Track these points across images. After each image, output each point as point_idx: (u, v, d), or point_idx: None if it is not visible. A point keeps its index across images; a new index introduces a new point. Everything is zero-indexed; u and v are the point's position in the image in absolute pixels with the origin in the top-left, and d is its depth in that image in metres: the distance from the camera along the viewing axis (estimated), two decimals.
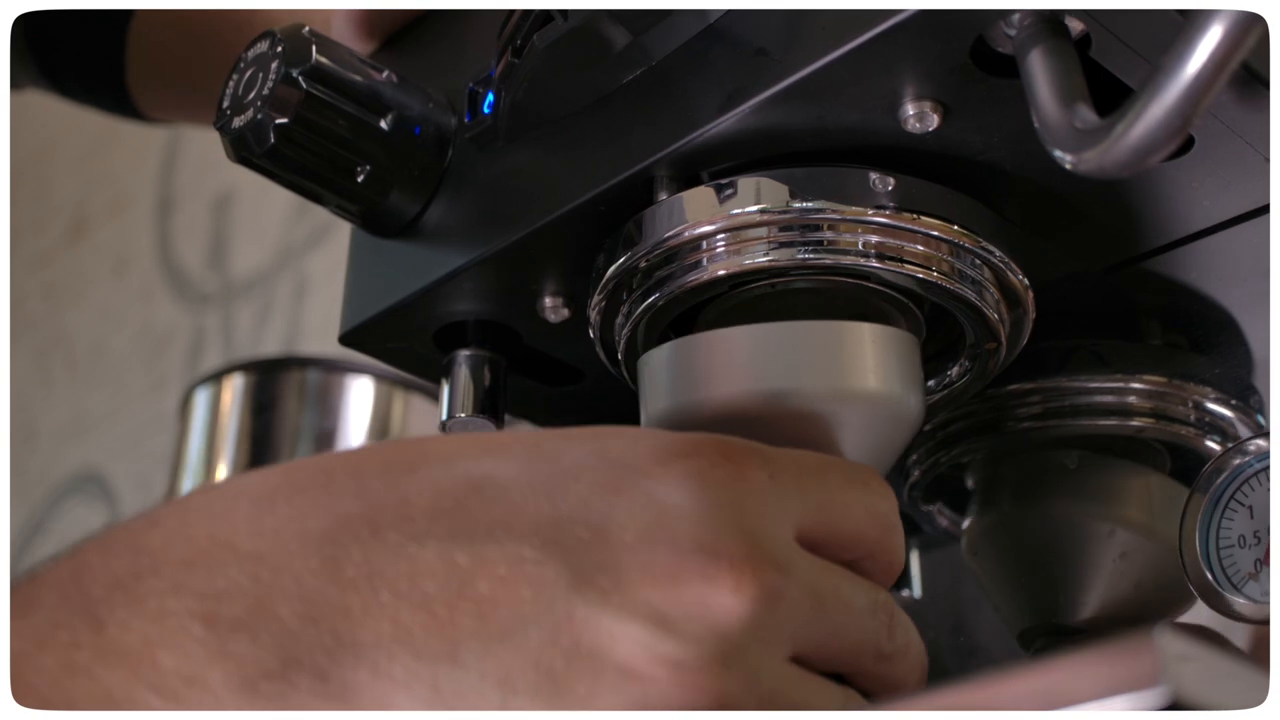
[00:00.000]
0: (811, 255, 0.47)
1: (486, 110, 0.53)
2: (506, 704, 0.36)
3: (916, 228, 0.47)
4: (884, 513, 0.43)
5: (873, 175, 0.47)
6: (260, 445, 0.82)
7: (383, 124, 0.53)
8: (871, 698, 0.42)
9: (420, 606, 0.36)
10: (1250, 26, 0.36)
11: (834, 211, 0.47)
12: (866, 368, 0.47)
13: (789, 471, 0.41)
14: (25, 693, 0.34)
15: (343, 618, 0.36)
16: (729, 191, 0.48)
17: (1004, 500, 0.58)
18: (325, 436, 0.81)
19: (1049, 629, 0.57)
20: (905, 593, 0.69)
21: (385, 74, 0.54)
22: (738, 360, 0.47)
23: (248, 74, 0.53)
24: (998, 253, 0.48)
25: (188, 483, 0.83)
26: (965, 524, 0.60)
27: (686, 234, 0.48)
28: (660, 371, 0.49)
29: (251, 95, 0.52)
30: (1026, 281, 0.50)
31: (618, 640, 0.36)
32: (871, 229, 0.47)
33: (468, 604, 0.36)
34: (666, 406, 0.48)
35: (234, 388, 0.84)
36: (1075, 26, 0.42)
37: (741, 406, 0.47)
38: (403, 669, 0.35)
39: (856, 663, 0.41)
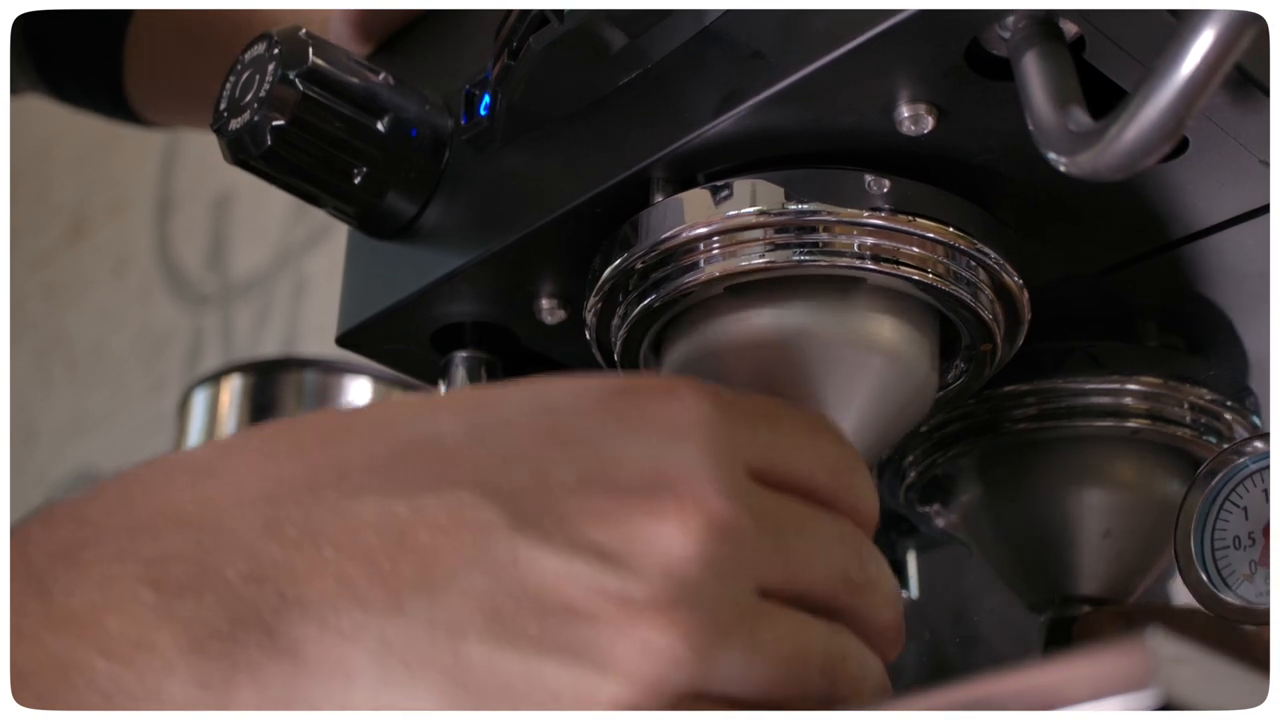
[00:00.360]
0: (807, 257, 0.47)
1: (483, 112, 0.53)
2: (457, 650, 0.35)
3: (912, 229, 0.47)
4: (836, 459, 0.42)
5: (868, 177, 0.47)
6: None
7: (379, 126, 0.53)
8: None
9: (363, 560, 0.36)
10: (1243, 28, 0.36)
11: (829, 213, 0.47)
12: (884, 321, 0.48)
13: (739, 410, 0.40)
14: None
15: (287, 576, 0.36)
16: (725, 193, 0.48)
17: (995, 477, 0.58)
18: None
19: (1060, 599, 0.57)
20: (903, 593, 0.69)
21: (382, 76, 0.54)
22: (760, 300, 0.48)
23: (244, 76, 0.53)
24: (993, 254, 0.49)
25: None
26: (959, 500, 0.60)
27: (683, 235, 0.48)
28: (686, 321, 0.50)
29: (248, 97, 0.52)
30: (1022, 283, 0.50)
31: (563, 579, 0.36)
32: (867, 231, 0.47)
33: (409, 554, 0.36)
34: (686, 349, 0.49)
35: (232, 388, 0.84)
36: (1069, 29, 0.42)
37: (758, 342, 0.48)
38: (350, 622, 0.35)
39: (831, 595, 0.40)
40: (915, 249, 0.47)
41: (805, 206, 0.47)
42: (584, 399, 0.39)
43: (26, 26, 0.85)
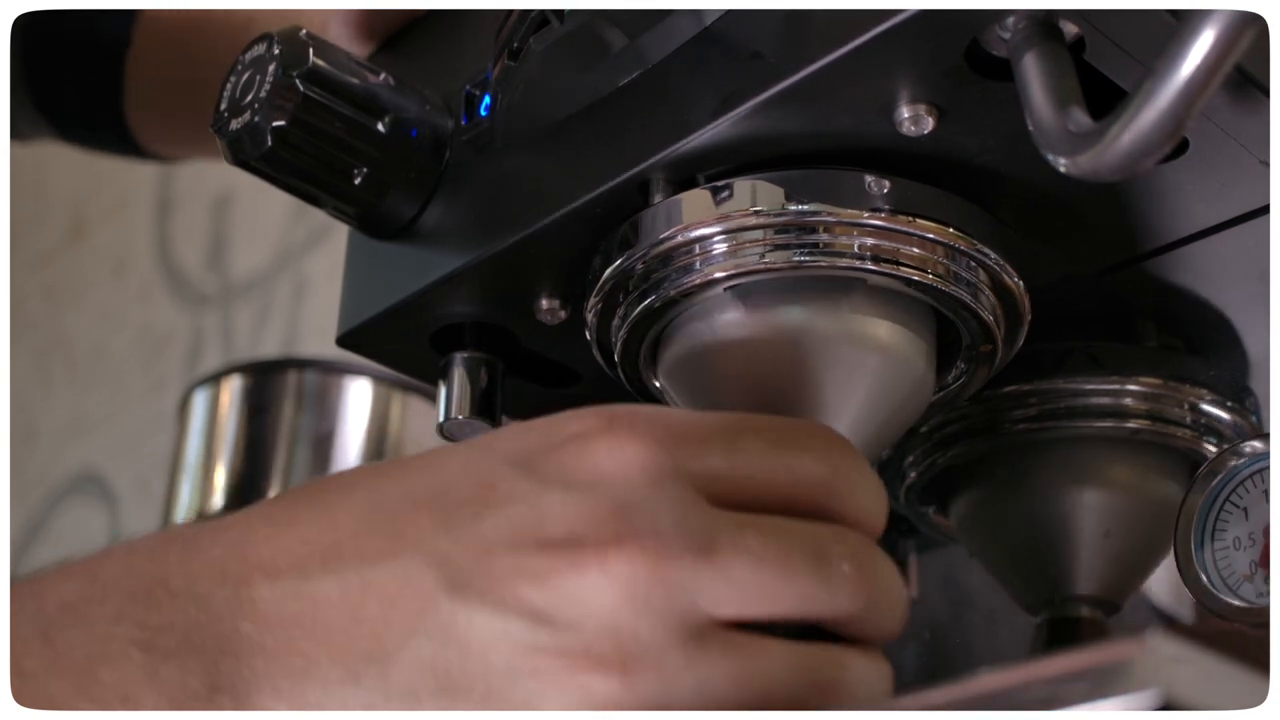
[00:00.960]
0: (807, 258, 0.47)
1: (483, 113, 0.53)
2: (412, 706, 0.38)
3: (912, 230, 0.47)
4: (816, 477, 0.41)
5: (868, 178, 0.47)
6: (258, 447, 0.82)
7: (379, 126, 0.53)
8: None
9: (323, 637, 0.39)
10: (1243, 29, 0.36)
11: (829, 214, 0.47)
12: (882, 320, 0.48)
13: (687, 438, 0.40)
14: None
15: (259, 654, 0.40)
16: (725, 194, 0.48)
17: (994, 478, 0.58)
18: (323, 438, 0.81)
19: (1058, 599, 0.57)
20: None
21: (382, 76, 0.54)
22: (761, 300, 0.48)
23: (245, 76, 0.53)
24: (993, 255, 0.49)
25: (186, 483, 0.83)
26: (958, 501, 0.60)
27: (683, 236, 0.48)
28: (687, 322, 0.50)
29: (248, 98, 0.52)
30: (1022, 284, 0.50)
31: (501, 640, 0.38)
32: (867, 231, 0.47)
33: (364, 627, 0.39)
34: (687, 350, 0.50)
35: (232, 389, 0.84)
36: (1069, 29, 0.42)
37: (759, 342, 0.48)
38: (313, 697, 0.39)
39: (824, 614, 0.40)
40: (915, 249, 0.48)
41: (805, 207, 0.47)
42: (528, 448, 0.41)
43: (27, 69, 0.84)
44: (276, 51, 0.52)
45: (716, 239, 0.48)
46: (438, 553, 0.39)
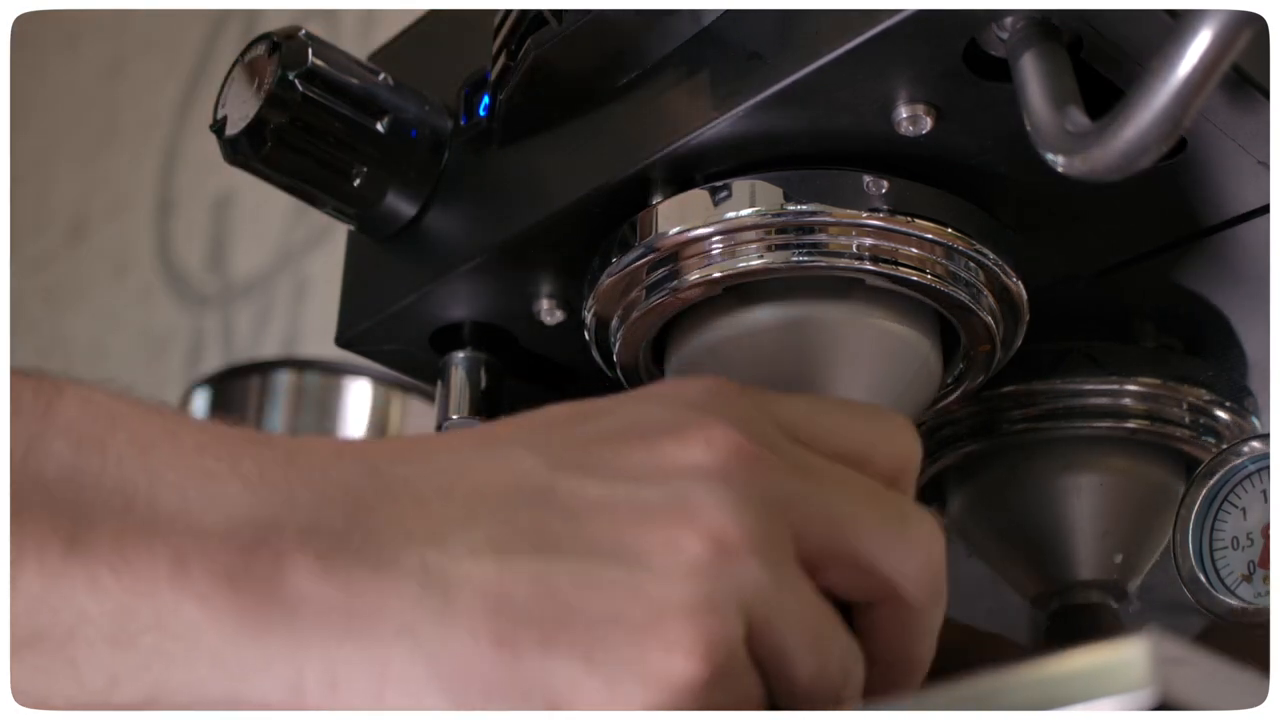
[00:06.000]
0: (806, 258, 0.47)
1: (482, 113, 0.54)
2: (502, 566, 0.37)
3: (910, 230, 0.47)
4: (869, 428, 0.42)
5: (866, 178, 0.47)
6: None
7: (379, 126, 0.53)
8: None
9: (416, 506, 0.38)
10: (1240, 29, 0.36)
11: (828, 214, 0.47)
12: (884, 309, 0.49)
13: (762, 391, 0.41)
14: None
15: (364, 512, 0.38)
16: (723, 194, 0.48)
17: (994, 477, 0.58)
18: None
19: (1062, 588, 0.57)
20: None
21: (381, 76, 0.54)
22: (760, 300, 0.49)
23: (244, 76, 0.53)
24: (991, 255, 0.49)
25: None
26: (958, 501, 0.60)
27: (682, 236, 0.48)
28: (685, 322, 0.50)
29: (248, 98, 0.52)
30: (1020, 284, 0.50)
31: (603, 500, 0.38)
32: (865, 232, 0.47)
33: (457, 499, 0.38)
34: (686, 351, 0.50)
35: (232, 389, 0.84)
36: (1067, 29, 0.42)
37: (759, 342, 0.48)
38: (394, 555, 0.37)
39: (890, 578, 0.39)
40: (914, 250, 0.48)
41: (804, 207, 0.47)
42: (619, 396, 0.41)
43: None
44: (276, 52, 0.52)
45: (715, 239, 0.48)
46: (536, 444, 0.39)
